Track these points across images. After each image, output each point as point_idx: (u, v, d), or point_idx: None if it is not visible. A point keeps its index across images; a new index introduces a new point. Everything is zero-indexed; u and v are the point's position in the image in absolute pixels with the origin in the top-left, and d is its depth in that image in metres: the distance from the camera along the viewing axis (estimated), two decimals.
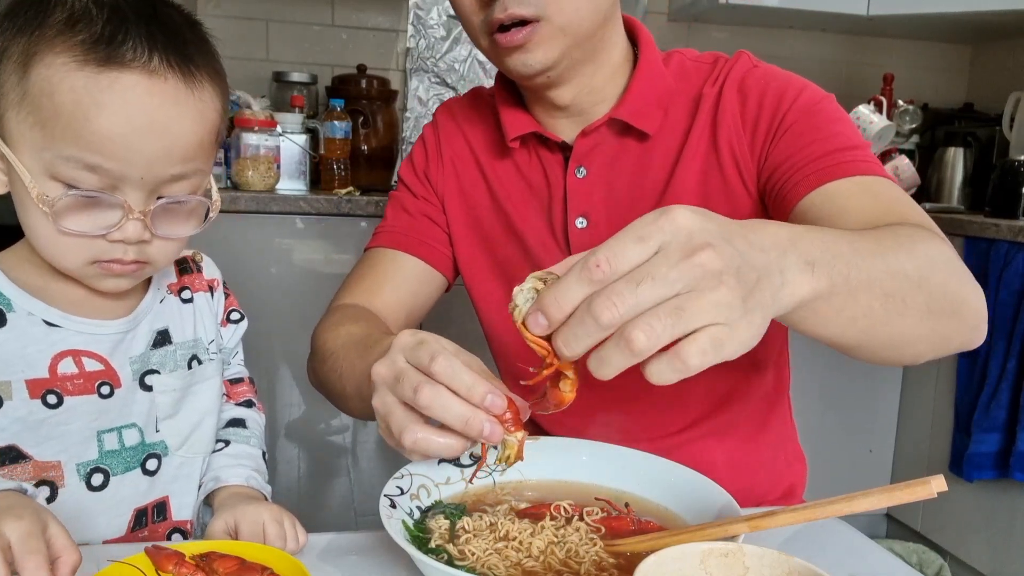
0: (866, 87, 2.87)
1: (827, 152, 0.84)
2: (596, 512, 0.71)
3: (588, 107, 0.95)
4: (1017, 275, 2.03)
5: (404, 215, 1.05)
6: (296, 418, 2.16)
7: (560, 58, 0.87)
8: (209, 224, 0.79)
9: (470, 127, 1.05)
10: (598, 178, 0.96)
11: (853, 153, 0.84)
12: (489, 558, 0.63)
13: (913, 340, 0.69)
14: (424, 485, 0.73)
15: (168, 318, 0.86)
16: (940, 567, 2.24)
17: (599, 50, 0.92)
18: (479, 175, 1.03)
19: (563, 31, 0.85)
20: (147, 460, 0.82)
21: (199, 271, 0.93)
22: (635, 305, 0.49)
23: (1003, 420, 2.07)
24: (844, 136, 0.86)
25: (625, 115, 0.93)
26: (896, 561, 0.74)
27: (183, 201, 0.74)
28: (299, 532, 0.73)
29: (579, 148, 0.96)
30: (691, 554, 0.54)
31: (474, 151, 1.04)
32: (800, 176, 0.85)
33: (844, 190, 0.82)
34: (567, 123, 0.97)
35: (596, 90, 0.94)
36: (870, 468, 2.50)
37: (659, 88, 0.94)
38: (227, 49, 0.79)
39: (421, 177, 1.06)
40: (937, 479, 0.55)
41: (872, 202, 0.80)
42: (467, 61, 2.54)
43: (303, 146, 2.21)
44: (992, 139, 2.67)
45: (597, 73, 0.93)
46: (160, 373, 0.83)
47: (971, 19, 2.63)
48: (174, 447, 0.84)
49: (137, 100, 0.68)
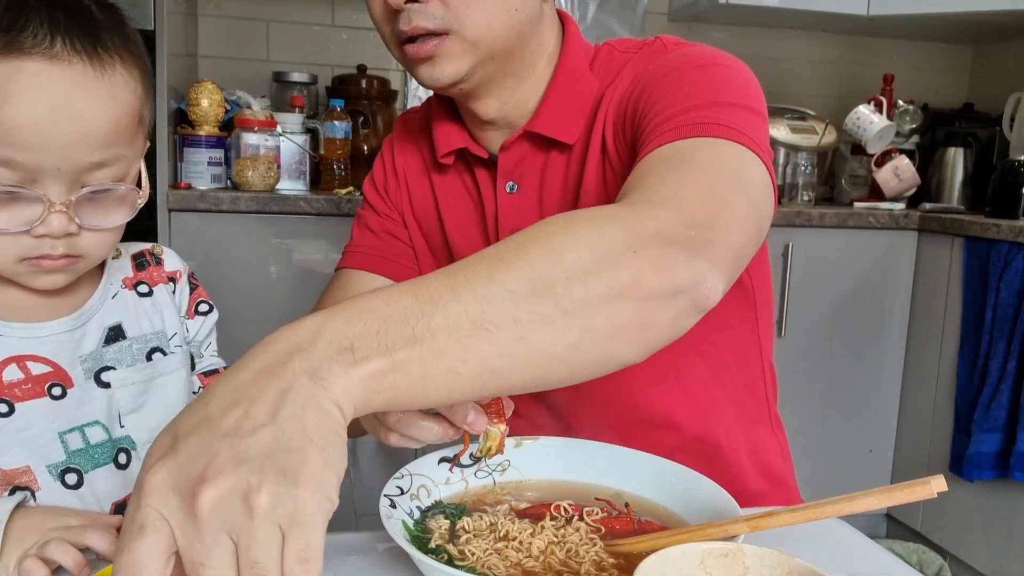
0: (866, 87, 2.87)
1: (667, 117, 0.74)
2: (596, 512, 0.71)
3: (516, 119, 0.91)
4: (1017, 275, 2.03)
5: (369, 234, 1.04)
6: None
7: (471, 72, 0.84)
8: (135, 213, 0.76)
9: (422, 138, 1.02)
10: (529, 192, 0.93)
11: (696, 114, 0.72)
12: (489, 558, 0.63)
13: (585, 347, 0.54)
14: (424, 485, 0.73)
15: (121, 313, 0.84)
16: (940, 567, 2.24)
17: (520, 64, 0.89)
18: (428, 188, 1.01)
19: (474, 45, 0.82)
20: (118, 454, 0.81)
21: (158, 264, 0.91)
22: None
23: (1003, 420, 2.07)
24: (700, 94, 0.75)
25: (540, 127, 0.89)
26: (896, 561, 0.74)
27: (108, 189, 0.72)
28: None
29: (503, 162, 0.92)
30: (691, 554, 0.54)
31: (425, 162, 1.01)
32: (644, 139, 0.75)
33: (652, 158, 0.70)
34: (497, 136, 0.93)
35: (521, 102, 0.91)
36: (870, 468, 2.50)
37: (579, 93, 0.89)
38: (227, 49, 0.79)
39: (382, 193, 1.05)
40: (937, 479, 0.55)
41: (656, 166, 0.68)
42: None
43: (303, 146, 2.21)
44: (992, 139, 2.67)
45: (520, 86, 0.90)
46: (116, 369, 0.82)
47: (972, 19, 2.63)
48: (141, 442, 0.83)
49: (41, 87, 0.66)
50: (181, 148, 2.11)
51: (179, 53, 2.21)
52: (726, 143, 0.69)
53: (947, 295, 2.28)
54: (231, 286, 2.03)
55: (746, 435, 1.00)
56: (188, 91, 2.12)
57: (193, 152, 2.10)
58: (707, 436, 0.97)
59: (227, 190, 2.10)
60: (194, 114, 2.11)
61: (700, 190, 0.63)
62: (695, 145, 0.69)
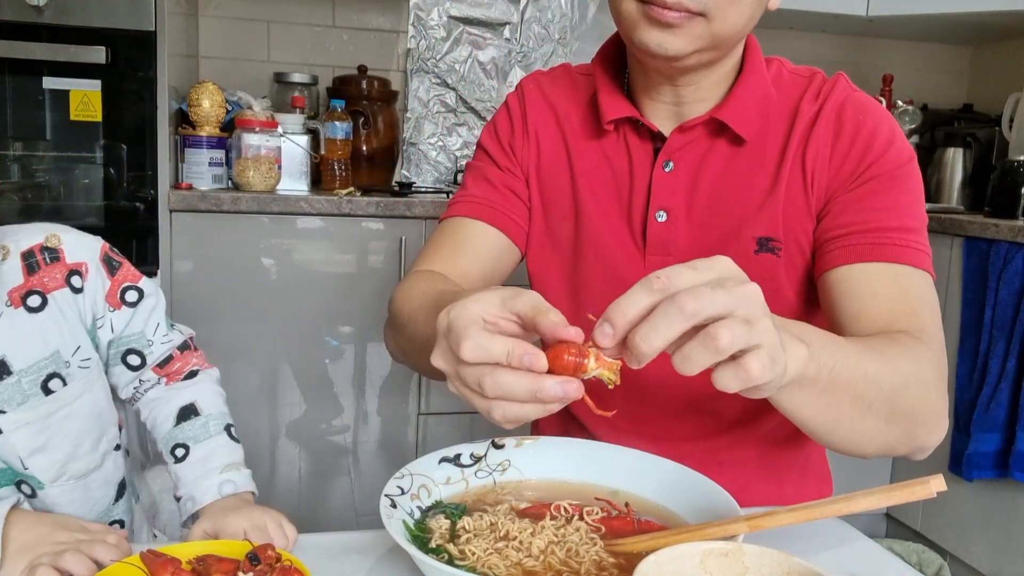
0: (866, 88, 2.84)
1: (883, 228, 0.87)
2: (596, 512, 0.72)
3: (692, 100, 0.95)
4: (1017, 275, 2.03)
5: (486, 185, 1.02)
6: (296, 418, 2.16)
7: (693, 53, 0.87)
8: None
9: (561, 103, 1.03)
10: (684, 174, 0.96)
11: (905, 236, 0.87)
12: (489, 558, 0.64)
13: (865, 442, 0.77)
14: (424, 485, 0.74)
15: (5, 343, 0.75)
16: (940, 567, 2.24)
17: (725, 58, 0.93)
18: (563, 153, 1.02)
19: (715, 36, 0.86)
20: (20, 484, 0.77)
21: (54, 261, 0.79)
22: (711, 303, 0.54)
23: (1003, 420, 2.07)
24: (905, 214, 0.89)
25: (726, 117, 0.93)
26: (896, 561, 0.75)
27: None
28: (287, 530, 0.73)
29: (672, 142, 0.95)
30: (691, 554, 0.54)
31: (562, 128, 1.02)
32: (848, 242, 0.88)
33: (878, 274, 0.86)
34: (665, 113, 0.96)
35: (705, 87, 0.94)
36: (870, 468, 2.50)
37: (761, 96, 0.95)
38: (228, 50, 0.79)
39: (506, 148, 1.04)
40: (937, 479, 0.55)
41: (898, 296, 0.85)
42: (467, 62, 2.54)
43: (304, 147, 2.21)
44: (992, 140, 2.67)
45: (713, 73, 0.94)
46: (7, 412, 0.74)
47: (971, 20, 2.63)
48: (49, 480, 0.78)
49: None
50: (182, 149, 2.12)
51: (180, 54, 2.21)
52: (931, 279, 0.89)
53: (947, 295, 2.28)
54: (231, 286, 2.03)
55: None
56: (189, 92, 2.13)
57: (194, 153, 2.11)
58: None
59: (228, 190, 2.10)
60: (195, 115, 2.11)
61: (942, 336, 0.84)
62: (925, 280, 0.88)
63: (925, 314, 0.85)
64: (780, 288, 0.94)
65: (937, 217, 2.34)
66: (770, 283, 0.93)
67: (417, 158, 2.53)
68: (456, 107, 2.55)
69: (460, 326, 0.59)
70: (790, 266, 0.94)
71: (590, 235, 0.99)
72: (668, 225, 0.95)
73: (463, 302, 0.60)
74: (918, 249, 0.88)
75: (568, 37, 2.61)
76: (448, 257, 0.98)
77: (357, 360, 2.16)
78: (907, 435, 0.79)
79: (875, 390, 0.72)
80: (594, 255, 0.99)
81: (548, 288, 1.03)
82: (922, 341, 0.81)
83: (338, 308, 2.13)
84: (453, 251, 0.99)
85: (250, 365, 2.07)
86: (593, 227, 0.99)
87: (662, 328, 0.55)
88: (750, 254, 0.93)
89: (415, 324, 0.83)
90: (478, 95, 2.55)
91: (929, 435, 0.81)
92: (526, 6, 2.56)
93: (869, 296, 0.86)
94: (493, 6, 2.54)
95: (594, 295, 0.99)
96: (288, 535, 0.72)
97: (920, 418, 0.78)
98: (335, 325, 2.13)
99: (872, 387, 0.72)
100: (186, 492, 0.83)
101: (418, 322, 0.82)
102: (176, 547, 0.65)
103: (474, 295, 0.61)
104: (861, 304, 0.85)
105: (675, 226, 0.95)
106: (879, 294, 0.85)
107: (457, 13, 2.51)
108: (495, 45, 2.56)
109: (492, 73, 2.57)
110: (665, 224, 0.95)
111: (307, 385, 2.15)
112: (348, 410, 2.18)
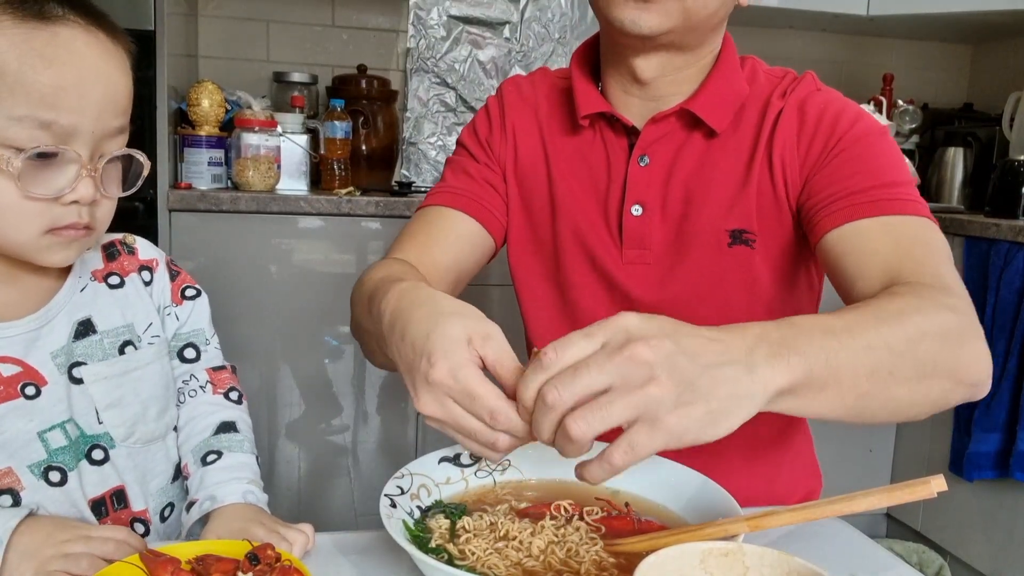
0: (866, 87, 2.87)
1: (864, 188, 0.87)
2: (596, 512, 0.72)
3: (665, 94, 0.96)
4: (1017, 275, 2.03)
5: (465, 177, 1.04)
6: (296, 418, 2.16)
7: (670, 31, 0.88)
8: (140, 184, 0.80)
9: (539, 103, 1.05)
10: (659, 168, 0.97)
11: (890, 191, 0.86)
12: (489, 558, 0.63)
13: (906, 405, 0.72)
14: (424, 485, 0.74)
15: (91, 307, 0.84)
16: (940, 567, 2.24)
17: (700, 45, 0.94)
18: (540, 150, 1.04)
19: (687, 11, 0.87)
20: (92, 450, 0.81)
21: (130, 254, 0.90)
22: (572, 391, 0.57)
23: (1003, 420, 2.07)
24: (887, 171, 0.88)
25: (698, 108, 0.94)
26: (896, 561, 0.75)
27: (128, 156, 0.77)
28: (308, 538, 0.73)
29: (646, 135, 0.97)
30: (691, 554, 0.54)
31: (540, 127, 1.04)
32: (833, 208, 0.87)
33: (869, 229, 0.85)
34: (640, 107, 0.98)
35: (678, 81, 0.95)
36: (870, 468, 2.50)
37: (733, 90, 0.96)
38: (227, 49, 0.80)
39: (484, 145, 1.06)
40: (937, 479, 0.55)
41: (891, 246, 0.83)
42: (467, 61, 2.54)
43: (303, 146, 2.21)
44: (992, 139, 2.67)
45: (688, 66, 0.95)
46: (88, 364, 0.82)
47: (971, 19, 2.62)
48: (120, 438, 0.83)
49: (79, 51, 0.71)
50: (181, 148, 2.11)
51: (179, 53, 2.21)
52: (932, 224, 0.87)
53: None
54: (231, 286, 2.03)
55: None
56: (188, 91, 2.12)
57: (193, 152, 2.11)
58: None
59: (227, 190, 2.10)
60: (194, 114, 2.11)
61: (953, 275, 0.80)
62: (919, 225, 0.86)
63: (923, 256, 0.82)
64: (756, 279, 0.95)
65: (937, 217, 2.34)
66: (746, 275, 0.95)
67: (417, 158, 2.53)
68: (456, 107, 2.55)
69: (461, 376, 0.63)
70: (766, 257, 0.95)
71: (569, 231, 1.01)
72: (643, 219, 0.97)
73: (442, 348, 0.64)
74: (906, 199, 0.86)
75: (568, 37, 2.61)
76: (421, 244, 1.00)
77: (357, 360, 2.15)
78: (952, 381, 0.73)
79: (887, 356, 0.68)
80: (575, 251, 1.01)
81: (533, 286, 1.05)
82: (924, 284, 0.77)
83: (338, 308, 2.13)
84: (427, 238, 1.00)
85: (249, 365, 2.07)
86: (572, 223, 1.00)
87: (543, 424, 0.59)
88: (723, 247, 0.94)
89: (375, 295, 0.82)
90: (478, 95, 2.55)
91: (972, 371, 0.74)
92: (526, 6, 2.56)
93: (863, 254, 0.84)
94: (493, 5, 2.54)
95: (578, 289, 1.01)
96: (308, 535, 0.73)
97: (952, 361, 0.73)
98: (335, 325, 2.13)
99: (882, 355, 0.68)
100: (206, 493, 0.83)
101: (377, 294, 0.81)
102: (176, 547, 0.65)
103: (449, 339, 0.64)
104: (858, 263, 0.84)
105: (649, 219, 0.97)
106: (872, 249, 0.84)
107: (457, 12, 2.51)
108: (495, 44, 2.56)
109: (492, 73, 2.57)
110: (640, 218, 0.97)
111: (307, 385, 2.15)
112: (348, 410, 2.18)
